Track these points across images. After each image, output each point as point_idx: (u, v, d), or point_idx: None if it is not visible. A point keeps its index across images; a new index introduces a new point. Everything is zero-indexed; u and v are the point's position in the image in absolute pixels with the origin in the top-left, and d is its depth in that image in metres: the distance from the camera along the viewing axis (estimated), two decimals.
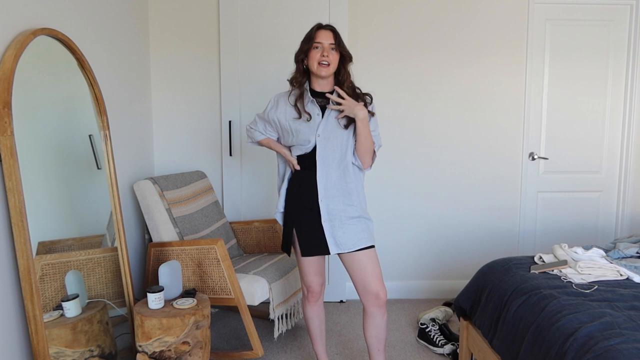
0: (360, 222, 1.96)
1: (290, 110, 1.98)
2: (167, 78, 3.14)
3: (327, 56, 1.88)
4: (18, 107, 1.63)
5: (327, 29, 1.92)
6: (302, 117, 1.93)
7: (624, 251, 2.19)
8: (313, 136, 1.93)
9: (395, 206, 3.30)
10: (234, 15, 3.06)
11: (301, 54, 1.93)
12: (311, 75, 1.97)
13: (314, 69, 1.91)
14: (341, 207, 1.94)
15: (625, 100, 3.32)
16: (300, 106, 1.94)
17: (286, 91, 2.05)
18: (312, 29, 1.93)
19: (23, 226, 1.56)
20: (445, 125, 3.26)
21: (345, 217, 1.94)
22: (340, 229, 1.93)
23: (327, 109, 1.95)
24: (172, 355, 1.95)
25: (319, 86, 1.97)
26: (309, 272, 2.08)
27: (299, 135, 1.95)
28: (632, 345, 1.38)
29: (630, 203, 3.39)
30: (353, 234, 1.93)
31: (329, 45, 1.89)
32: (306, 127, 1.94)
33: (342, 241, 1.93)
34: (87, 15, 2.22)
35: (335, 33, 1.92)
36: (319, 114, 1.94)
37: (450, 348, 2.51)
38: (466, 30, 3.19)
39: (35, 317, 1.60)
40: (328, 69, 1.90)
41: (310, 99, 1.95)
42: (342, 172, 1.95)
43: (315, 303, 2.14)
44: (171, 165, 3.20)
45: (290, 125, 1.97)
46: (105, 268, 2.11)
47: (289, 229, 2.04)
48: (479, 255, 3.36)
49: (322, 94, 1.97)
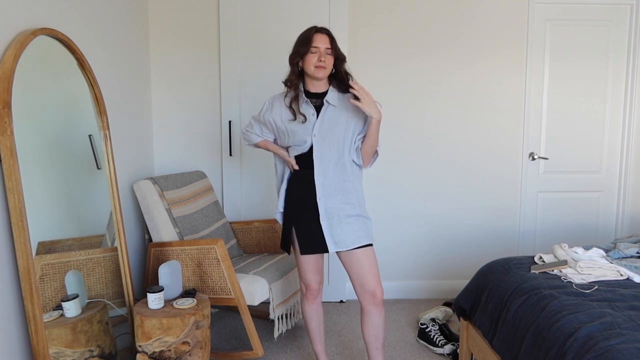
0: (359, 221, 1.98)
1: (286, 111, 2.00)
2: (167, 78, 3.14)
3: (324, 60, 1.91)
4: (18, 107, 1.63)
5: (323, 32, 1.95)
6: (297, 119, 1.96)
7: (624, 251, 2.19)
8: (309, 136, 1.96)
9: (395, 206, 3.30)
10: (234, 16, 3.06)
11: (297, 57, 1.95)
12: (305, 76, 1.99)
13: (310, 72, 1.93)
14: (339, 206, 1.96)
15: (625, 100, 3.32)
16: (296, 107, 1.97)
17: (281, 93, 2.07)
18: (309, 32, 1.95)
19: (23, 226, 1.56)
20: (445, 125, 3.26)
21: (344, 216, 1.96)
22: (339, 227, 1.95)
23: (322, 109, 1.97)
24: (172, 355, 1.95)
25: (313, 87, 2.00)
26: (308, 270, 2.09)
27: (295, 136, 1.98)
28: (632, 345, 1.38)
29: (630, 203, 3.39)
30: (351, 233, 1.95)
31: (325, 50, 1.92)
32: (302, 128, 1.96)
33: (340, 239, 1.95)
34: (87, 15, 2.22)
35: (331, 37, 1.95)
36: (313, 114, 1.97)
37: (450, 348, 2.51)
38: (466, 31, 3.19)
39: (35, 317, 1.60)
40: (325, 72, 1.93)
41: (305, 99, 1.98)
42: (339, 170, 1.97)
43: (314, 301, 2.16)
44: (171, 165, 3.20)
45: (286, 127, 2.00)
46: (105, 268, 2.11)
47: (289, 227, 2.06)
48: (479, 255, 3.36)
49: (317, 94, 2.00)
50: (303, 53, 1.93)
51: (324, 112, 1.97)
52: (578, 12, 3.24)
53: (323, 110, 1.97)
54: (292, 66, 1.98)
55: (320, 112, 1.97)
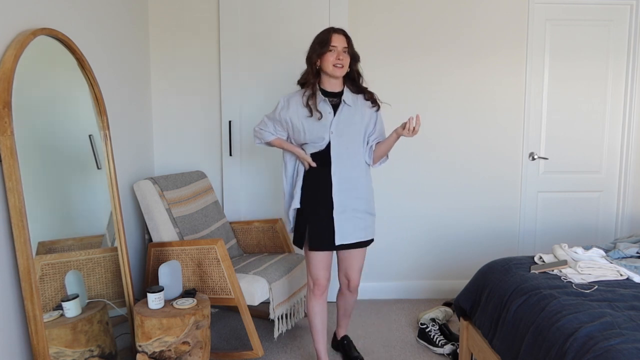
0: (366, 218, 2.14)
1: (302, 109, 2.09)
2: (167, 78, 3.14)
3: (342, 59, 2.03)
4: (18, 107, 1.63)
5: (340, 33, 2.06)
6: (314, 116, 2.05)
7: (624, 251, 2.19)
8: (327, 133, 2.06)
9: (395, 206, 3.30)
10: (234, 15, 3.06)
11: (315, 57, 2.05)
12: (322, 75, 2.09)
13: (329, 71, 2.04)
14: (351, 201, 2.09)
15: (625, 100, 3.32)
16: (313, 105, 2.06)
17: (295, 92, 2.15)
18: (327, 33, 2.06)
19: (23, 226, 1.56)
20: (445, 125, 3.26)
21: (354, 210, 2.10)
22: (348, 222, 2.08)
23: (339, 108, 2.08)
24: (172, 355, 1.95)
25: (329, 86, 2.10)
26: (317, 266, 2.15)
27: (311, 133, 2.06)
28: (632, 345, 1.38)
29: (630, 203, 3.39)
30: (358, 230, 2.11)
31: (343, 49, 2.04)
32: (318, 125, 2.06)
33: (347, 233, 2.09)
34: (87, 15, 2.22)
35: (347, 37, 2.07)
36: (330, 112, 2.07)
37: (450, 348, 2.51)
38: (466, 31, 3.19)
39: (35, 317, 1.60)
40: (342, 70, 2.05)
41: (323, 98, 2.08)
42: (353, 167, 2.10)
43: (320, 297, 2.21)
44: (171, 165, 3.20)
45: (303, 124, 2.08)
46: (105, 268, 2.11)
47: (304, 223, 2.12)
48: (479, 255, 3.36)
49: (332, 93, 2.10)
50: (322, 53, 2.03)
51: (340, 111, 2.08)
52: (578, 12, 3.24)
53: (340, 108, 2.08)
54: (310, 66, 2.08)
55: (337, 111, 2.08)
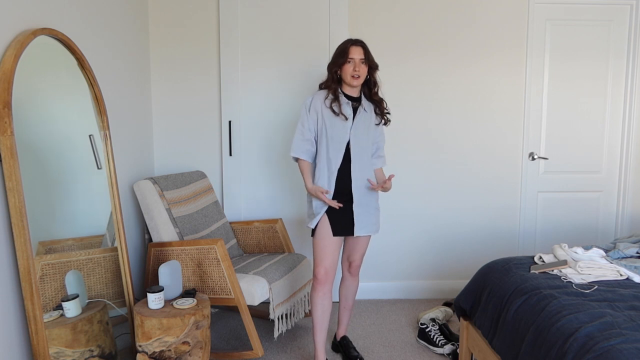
0: (376, 214, 2.35)
1: (327, 111, 2.24)
2: (167, 78, 3.14)
3: (359, 70, 2.19)
4: (18, 107, 1.63)
5: (358, 44, 2.22)
6: (340, 117, 2.23)
7: (624, 251, 2.19)
8: (347, 134, 2.23)
9: (395, 206, 3.30)
10: (234, 15, 3.06)
11: (335, 66, 2.22)
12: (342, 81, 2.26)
13: (347, 80, 2.22)
14: (366, 197, 2.29)
15: (625, 100, 3.32)
16: (337, 108, 2.22)
17: (316, 92, 2.29)
18: (345, 45, 2.21)
19: (23, 226, 1.56)
20: (445, 125, 3.26)
21: (367, 206, 2.29)
22: (363, 215, 2.27)
23: (357, 111, 2.27)
24: (172, 355, 1.95)
25: (350, 91, 2.28)
26: (327, 255, 2.25)
27: (333, 128, 2.23)
28: (632, 345, 1.38)
29: (630, 203, 3.39)
30: (370, 225, 2.31)
31: (360, 60, 2.20)
32: (340, 122, 2.23)
33: (364, 225, 2.28)
34: (87, 15, 2.22)
35: (365, 48, 2.22)
36: (351, 115, 2.25)
37: (450, 348, 2.51)
38: (466, 31, 3.19)
39: (35, 317, 1.60)
40: (359, 80, 2.21)
41: (346, 101, 2.25)
42: (367, 166, 2.30)
43: (325, 285, 2.27)
44: (171, 165, 3.20)
45: (325, 123, 2.24)
46: (105, 268, 2.11)
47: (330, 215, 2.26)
48: (479, 255, 3.36)
49: (352, 97, 2.28)
50: (341, 63, 2.20)
51: (359, 114, 2.27)
52: (578, 12, 3.24)
53: (358, 112, 2.27)
54: (331, 74, 2.25)
55: (356, 114, 2.26)
